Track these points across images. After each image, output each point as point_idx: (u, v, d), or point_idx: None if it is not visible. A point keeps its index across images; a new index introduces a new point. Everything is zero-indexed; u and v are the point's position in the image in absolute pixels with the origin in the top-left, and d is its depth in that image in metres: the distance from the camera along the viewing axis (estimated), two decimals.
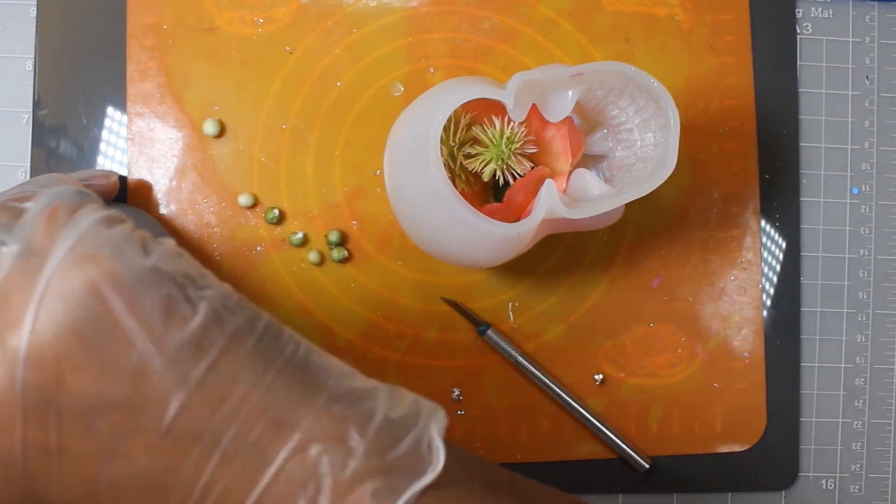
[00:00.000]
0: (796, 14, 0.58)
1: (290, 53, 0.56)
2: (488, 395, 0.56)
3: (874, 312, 0.59)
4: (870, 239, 0.59)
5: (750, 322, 0.57)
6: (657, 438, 0.57)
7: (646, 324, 0.57)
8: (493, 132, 0.48)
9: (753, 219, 0.57)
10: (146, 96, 0.55)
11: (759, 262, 0.57)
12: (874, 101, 0.59)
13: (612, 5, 0.57)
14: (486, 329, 0.55)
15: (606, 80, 0.47)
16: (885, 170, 0.59)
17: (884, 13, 0.59)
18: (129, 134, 0.55)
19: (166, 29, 0.55)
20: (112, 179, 0.52)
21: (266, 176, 0.55)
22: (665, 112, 0.46)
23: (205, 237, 0.55)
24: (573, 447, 0.57)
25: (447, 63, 0.56)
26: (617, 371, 0.57)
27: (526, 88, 0.46)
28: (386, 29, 0.56)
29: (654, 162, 0.47)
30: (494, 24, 0.56)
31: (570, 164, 0.49)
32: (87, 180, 0.49)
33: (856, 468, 0.59)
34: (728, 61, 0.57)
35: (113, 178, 0.52)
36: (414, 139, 0.47)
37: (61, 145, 0.55)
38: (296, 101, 0.55)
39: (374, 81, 0.56)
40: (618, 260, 0.57)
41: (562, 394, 0.56)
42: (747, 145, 0.57)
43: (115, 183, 0.52)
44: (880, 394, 0.59)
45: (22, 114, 0.55)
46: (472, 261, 0.50)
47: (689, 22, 0.57)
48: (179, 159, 0.55)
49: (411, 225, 0.50)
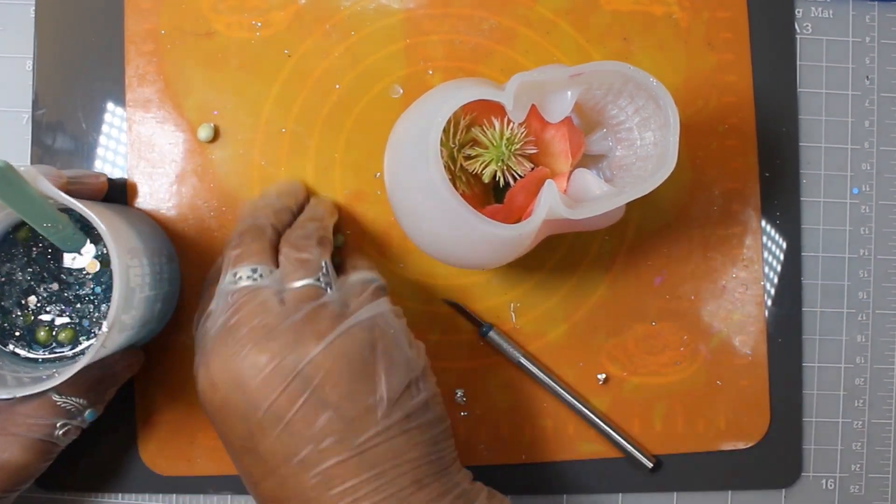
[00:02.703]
0: (796, 13, 0.58)
1: (289, 57, 0.55)
2: (492, 396, 0.56)
3: (874, 312, 0.59)
4: (870, 239, 0.59)
5: (752, 319, 0.57)
6: (661, 437, 0.57)
7: (648, 322, 0.57)
8: (493, 133, 0.48)
9: (754, 216, 0.57)
10: (145, 101, 0.55)
11: (760, 260, 0.57)
12: (874, 101, 0.59)
13: (609, 4, 0.57)
14: (488, 330, 0.55)
15: (605, 79, 0.47)
16: (885, 170, 0.59)
17: (884, 13, 0.59)
18: (128, 139, 0.55)
19: (164, 34, 0.55)
20: (101, 180, 0.52)
21: (266, 180, 0.55)
22: (664, 110, 0.46)
23: (205, 241, 0.55)
24: (577, 447, 0.57)
25: (446, 65, 0.56)
26: (620, 370, 0.57)
27: (525, 89, 0.46)
28: (384, 31, 0.56)
29: (654, 160, 0.47)
30: (492, 25, 0.56)
31: (571, 165, 0.49)
32: (77, 179, 0.50)
33: (856, 468, 0.59)
34: (726, 58, 0.57)
35: (102, 179, 0.52)
36: (414, 141, 0.47)
37: (61, 146, 0.55)
38: (295, 105, 0.55)
39: (373, 84, 0.56)
40: (619, 259, 0.57)
41: (565, 394, 0.56)
42: (747, 142, 0.57)
43: (104, 183, 0.52)
44: (880, 394, 0.59)
45: (22, 113, 0.55)
46: (474, 262, 0.50)
47: (687, 20, 0.57)
48: (179, 164, 0.55)
49: (412, 227, 0.49)
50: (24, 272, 0.49)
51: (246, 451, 0.44)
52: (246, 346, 0.43)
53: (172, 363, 0.55)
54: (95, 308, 0.49)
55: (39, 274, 0.49)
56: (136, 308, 0.46)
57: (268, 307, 0.44)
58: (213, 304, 0.46)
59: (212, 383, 0.44)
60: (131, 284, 0.45)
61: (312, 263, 0.46)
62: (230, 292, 0.45)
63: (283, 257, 0.47)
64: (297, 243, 0.48)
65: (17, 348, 0.49)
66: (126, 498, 0.56)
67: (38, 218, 0.45)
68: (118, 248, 0.43)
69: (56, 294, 0.49)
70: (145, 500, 0.56)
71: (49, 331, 0.49)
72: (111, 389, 0.51)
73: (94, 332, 0.49)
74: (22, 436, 0.47)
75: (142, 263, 0.47)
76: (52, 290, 0.49)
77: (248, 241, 0.48)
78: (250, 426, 0.43)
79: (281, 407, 0.42)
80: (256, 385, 0.43)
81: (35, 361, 0.49)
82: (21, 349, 0.49)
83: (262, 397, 0.43)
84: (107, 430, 0.54)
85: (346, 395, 0.43)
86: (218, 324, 0.45)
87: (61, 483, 0.55)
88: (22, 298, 0.49)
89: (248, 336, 0.43)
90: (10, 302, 0.49)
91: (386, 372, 0.44)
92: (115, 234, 0.44)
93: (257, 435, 0.43)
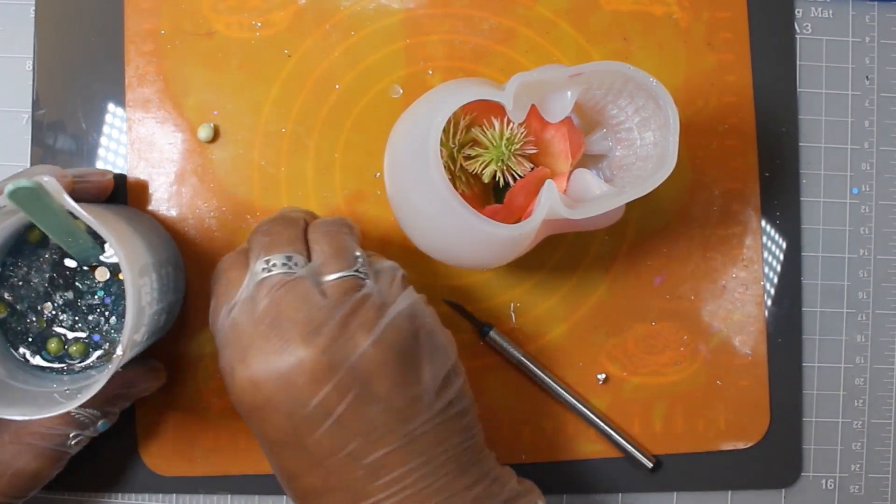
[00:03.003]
0: (796, 13, 0.58)
1: (289, 57, 0.56)
2: (491, 397, 0.56)
3: (874, 312, 0.59)
4: (870, 239, 0.59)
5: (752, 319, 0.57)
6: (661, 437, 0.57)
7: (648, 322, 0.57)
8: (493, 133, 0.48)
9: (754, 216, 0.57)
10: (145, 101, 0.55)
11: (760, 259, 0.57)
12: (874, 101, 0.59)
13: (609, 4, 0.57)
14: (488, 330, 0.55)
15: (605, 79, 0.47)
16: (885, 170, 0.59)
17: (884, 13, 0.59)
18: (128, 139, 0.55)
19: (164, 34, 0.55)
20: (107, 177, 0.51)
21: (266, 180, 0.55)
22: (664, 110, 0.46)
23: (206, 241, 0.55)
24: (577, 447, 0.57)
25: (445, 65, 0.56)
26: (620, 370, 0.57)
27: (525, 89, 0.46)
28: (384, 31, 0.56)
29: (653, 160, 0.47)
30: (492, 25, 0.56)
31: (571, 165, 0.49)
32: (82, 177, 0.49)
33: (856, 468, 0.59)
34: (726, 58, 0.57)
35: (108, 177, 0.52)
36: (414, 141, 0.47)
37: (61, 146, 0.55)
38: (295, 105, 0.55)
39: (373, 84, 0.56)
40: (619, 259, 0.57)
41: (565, 394, 0.56)
42: (747, 142, 0.57)
43: (109, 181, 0.52)
44: (880, 394, 0.59)
45: (21, 113, 0.55)
46: (474, 262, 0.50)
47: (687, 20, 0.57)
48: (179, 164, 0.55)
49: (412, 227, 0.50)
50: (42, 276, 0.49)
51: (286, 445, 0.43)
52: (292, 342, 0.42)
53: (173, 364, 0.55)
54: (106, 321, 0.49)
55: (56, 280, 0.49)
56: (146, 325, 0.45)
57: (310, 300, 0.43)
58: (241, 293, 0.44)
59: (253, 382, 0.42)
60: (142, 303, 0.44)
61: (349, 253, 0.45)
62: (263, 281, 0.44)
63: (315, 246, 0.46)
64: (328, 231, 0.46)
65: (28, 353, 0.49)
66: (126, 498, 0.56)
67: (61, 233, 0.44)
68: (132, 272, 0.42)
69: (70, 303, 0.49)
70: (145, 500, 0.56)
71: (60, 343, 0.48)
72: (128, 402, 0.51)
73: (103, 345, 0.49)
74: (36, 445, 0.47)
75: (151, 279, 0.45)
76: (68, 298, 0.49)
77: (278, 228, 0.46)
78: (295, 422, 0.42)
79: (331, 402, 0.42)
80: (305, 381, 0.41)
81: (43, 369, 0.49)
82: (30, 355, 0.49)
83: (311, 393, 0.42)
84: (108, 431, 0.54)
85: (395, 387, 0.43)
86: (254, 317, 0.43)
87: (62, 483, 0.55)
88: (38, 304, 0.49)
89: (293, 331, 0.42)
90: (24, 305, 0.49)
91: (429, 361, 0.44)
92: (129, 254, 0.43)
93: (303, 430, 0.42)
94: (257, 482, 0.56)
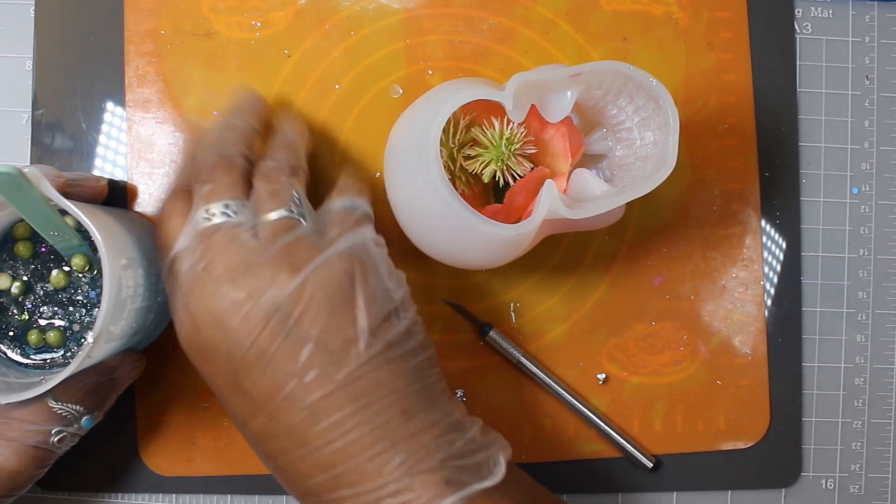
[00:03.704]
0: (796, 13, 0.58)
1: (288, 57, 0.56)
2: (491, 396, 0.56)
3: (874, 312, 0.59)
4: (870, 239, 0.59)
5: (752, 319, 0.57)
6: (661, 436, 0.57)
7: (648, 322, 0.57)
8: (493, 133, 0.48)
9: (754, 216, 0.57)
10: (145, 102, 0.55)
11: (760, 259, 0.57)
12: (874, 101, 0.59)
13: (609, 4, 0.57)
14: (488, 330, 0.55)
15: (605, 79, 0.47)
16: (885, 170, 0.59)
17: (884, 13, 0.59)
18: (128, 139, 0.55)
19: (164, 34, 0.55)
20: (101, 183, 0.52)
21: None
22: (664, 110, 0.46)
23: None
24: (577, 447, 0.57)
25: (445, 65, 0.56)
26: (619, 370, 0.57)
27: (525, 89, 0.46)
28: (383, 31, 0.56)
29: (653, 160, 0.47)
30: (492, 25, 0.56)
31: (570, 165, 0.49)
32: (77, 181, 0.49)
33: (855, 468, 0.59)
34: (726, 58, 0.57)
35: (102, 183, 0.52)
36: (413, 141, 0.47)
37: (61, 146, 0.55)
38: (295, 105, 0.55)
39: (373, 84, 0.56)
40: (619, 259, 0.57)
41: (564, 394, 0.56)
42: (746, 142, 0.57)
43: (104, 187, 0.52)
44: (880, 394, 0.59)
45: (21, 113, 0.55)
46: (473, 262, 0.50)
47: (686, 20, 0.57)
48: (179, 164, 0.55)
49: (412, 227, 0.50)
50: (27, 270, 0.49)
51: (232, 390, 0.44)
52: (224, 285, 0.42)
53: (173, 363, 0.55)
54: (87, 313, 0.49)
55: (38, 272, 0.49)
56: (125, 319, 0.45)
57: (242, 243, 0.43)
58: (182, 243, 0.44)
59: (194, 324, 0.43)
60: (122, 295, 0.44)
61: (283, 194, 0.45)
62: (203, 231, 0.44)
63: (255, 190, 0.46)
64: (266, 173, 0.46)
65: (9, 350, 0.49)
66: (126, 498, 0.56)
67: (46, 225, 0.45)
68: (111, 257, 0.43)
69: (50, 295, 0.49)
70: (146, 500, 0.56)
71: (40, 332, 0.49)
72: (111, 396, 0.51)
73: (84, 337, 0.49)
74: (16, 441, 0.47)
75: (136, 274, 0.46)
76: (48, 290, 0.49)
77: (218, 175, 0.46)
78: (235, 365, 0.43)
79: (264, 343, 0.42)
80: (238, 323, 0.42)
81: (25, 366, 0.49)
82: (12, 352, 0.49)
83: (245, 335, 0.42)
84: (108, 431, 0.54)
85: (327, 328, 0.42)
86: (192, 264, 0.44)
87: (62, 483, 0.55)
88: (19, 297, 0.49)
89: (225, 274, 0.43)
90: (7, 299, 0.49)
91: (365, 302, 0.43)
92: (110, 242, 0.43)
93: (242, 373, 0.43)
94: (257, 482, 0.56)
